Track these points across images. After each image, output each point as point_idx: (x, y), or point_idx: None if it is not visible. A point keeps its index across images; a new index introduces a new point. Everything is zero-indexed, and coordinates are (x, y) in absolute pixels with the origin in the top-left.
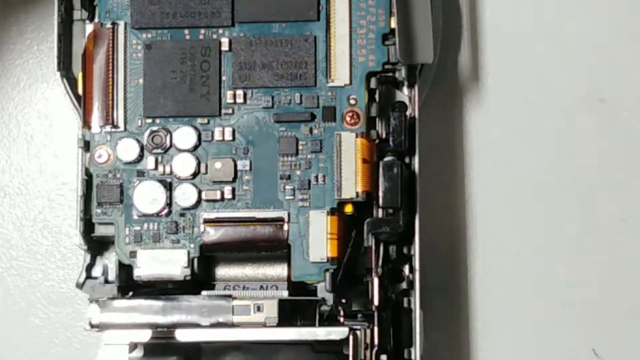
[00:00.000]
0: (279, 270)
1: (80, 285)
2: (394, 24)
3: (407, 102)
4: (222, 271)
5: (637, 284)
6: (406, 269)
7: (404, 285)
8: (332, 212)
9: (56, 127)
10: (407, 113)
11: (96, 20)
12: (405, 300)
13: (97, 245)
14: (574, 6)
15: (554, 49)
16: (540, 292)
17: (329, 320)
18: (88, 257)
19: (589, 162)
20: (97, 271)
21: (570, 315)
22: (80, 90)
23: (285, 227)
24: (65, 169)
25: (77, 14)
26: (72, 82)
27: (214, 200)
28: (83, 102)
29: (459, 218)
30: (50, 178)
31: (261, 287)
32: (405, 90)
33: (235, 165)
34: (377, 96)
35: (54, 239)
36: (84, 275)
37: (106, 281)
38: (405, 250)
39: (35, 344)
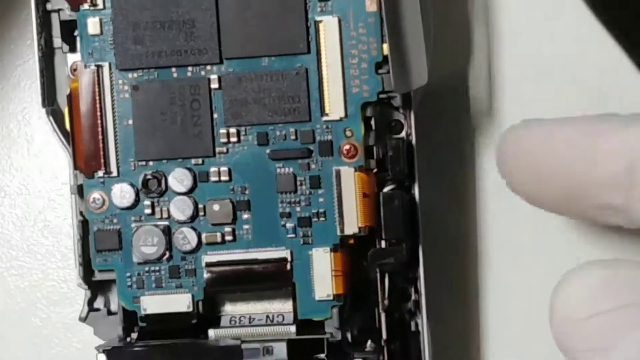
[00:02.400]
0: (284, 303)
1: (83, 319)
2: (386, 51)
3: (402, 120)
4: (228, 306)
5: None
6: (412, 289)
7: (410, 305)
8: (334, 248)
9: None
10: (403, 136)
11: (80, 61)
12: (413, 323)
13: (98, 285)
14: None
15: (556, 57)
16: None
17: (336, 349)
18: (89, 292)
19: None
20: (99, 303)
21: None
22: (67, 126)
23: (289, 266)
24: (66, 168)
25: (57, 41)
26: (58, 115)
27: (215, 243)
28: (72, 146)
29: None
30: (50, 178)
31: (267, 318)
32: (401, 114)
33: (234, 206)
34: (373, 123)
35: (54, 239)
36: (86, 308)
37: (109, 312)
38: (410, 274)
39: (35, 344)
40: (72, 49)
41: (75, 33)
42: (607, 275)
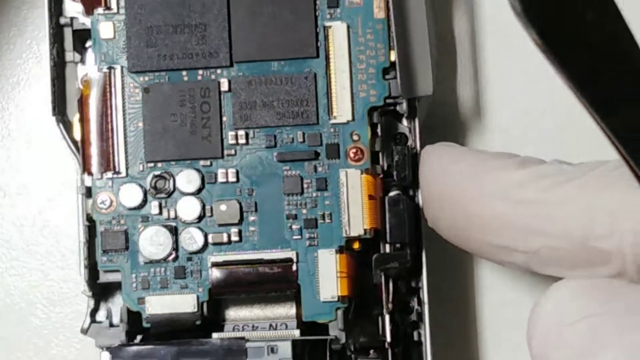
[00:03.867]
0: (288, 309)
1: (85, 331)
2: (393, 57)
3: (407, 133)
4: (232, 312)
5: None
6: (414, 301)
7: (413, 317)
8: (340, 250)
9: (56, 127)
10: (409, 145)
11: (89, 63)
12: (415, 333)
13: (101, 290)
14: None
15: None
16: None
17: (340, 355)
18: (92, 302)
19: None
20: (101, 315)
21: None
22: (76, 135)
23: (294, 267)
24: (66, 168)
25: (70, 55)
26: (67, 125)
27: (221, 243)
28: (82, 148)
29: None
30: (50, 178)
31: (270, 325)
32: (405, 122)
33: (241, 207)
34: (379, 130)
35: (54, 239)
36: (88, 320)
37: (111, 325)
38: (413, 283)
39: (35, 344)
40: (83, 61)
41: (87, 44)
42: (589, 282)
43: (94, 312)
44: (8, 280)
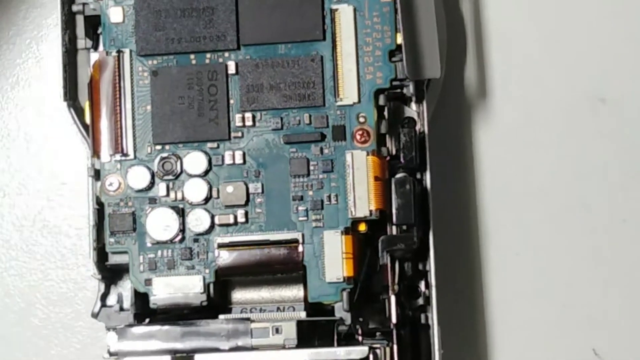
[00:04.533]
0: (295, 292)
1: (95, 315)
2: (400, 40)
3: (415, 117)
4: (238, 295)
5: (637, 284)
6: (422, 284)
7: (420, 301)
8: (346, 231)
9: (56, 127)
10: (417, 128)
11: (101, 48)
12: (423, 316)
13: (110, 274)
14: (576, 9)
15: (555, 54)
16: (540, 292)
17: (347, 339)
18: (102, 286)
19: (589, 163)
20: (111, 300)
21: (570, 315)
22: (87, 120)
23: (300, 248)
24: (65, 169)
25: (82, 42)
26: (78, 111)
27: (227, 225)
28: (91, 131)
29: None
30: (50, 178)
31: (278, 308)
32: (414, 106)
33: (247, 189)
34: (385, 113)
35: (53, 239)
36: (99, 304)
37: (121, 309)
38: (420, 266)
39: (35, 344)
40: (95, 47)
41: (99, 31)
42: None
43: (104, 296)
44: (8, 281)
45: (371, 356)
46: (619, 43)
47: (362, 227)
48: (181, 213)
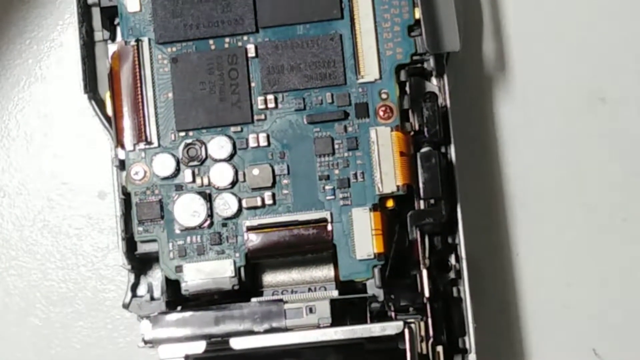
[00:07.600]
0: (326, 272)
1: (126, 306)
2: (418, 14)
3: (437, 91)
4: (269, 277)
5: (637, 284)
6: (452, 258)
7: (451, 274)
8: (374, 208)
9: (56, 127)
10: (439, 102)
11: (119, 39)
12: (455, 289)
13: (139, 264)
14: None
15: (555, 54)
16: (540, 292)
17: (379, 317)
18: (132, 276)
19: (589, 162)
20: (142, 290)
21: (570, 315)
22: (109, 111)
23: (329, 227)
24: (65, 169)
25: (99, 35)
26: (99, 103)
27: (255, 207)
28: (114, 122)
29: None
30: (50, 178)
31: (309, 289)
32: (434, 80)
33: (273, 170)
34: (407, 88)
35: (53, 239)
36: (129, 295)
37: (152, 298)
38: (449, 240)
39: (35, 344)
40: (113, 38)
41: (116, 22)
42: None
43: (134, 287)
44: (7, 280)
45: (406, 331)
46: (619, 43)
47: (390, 203)
48: (208, 198)
